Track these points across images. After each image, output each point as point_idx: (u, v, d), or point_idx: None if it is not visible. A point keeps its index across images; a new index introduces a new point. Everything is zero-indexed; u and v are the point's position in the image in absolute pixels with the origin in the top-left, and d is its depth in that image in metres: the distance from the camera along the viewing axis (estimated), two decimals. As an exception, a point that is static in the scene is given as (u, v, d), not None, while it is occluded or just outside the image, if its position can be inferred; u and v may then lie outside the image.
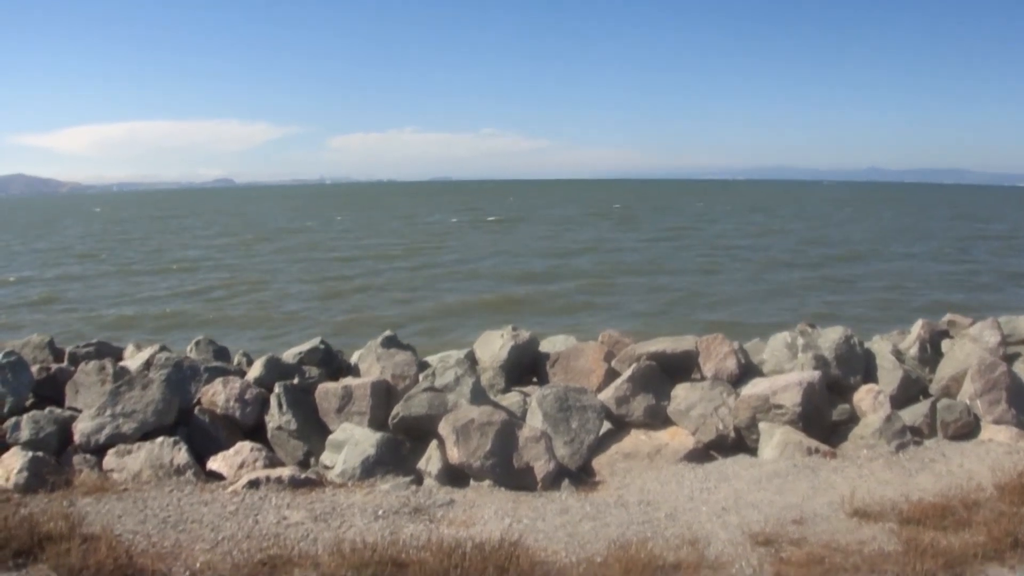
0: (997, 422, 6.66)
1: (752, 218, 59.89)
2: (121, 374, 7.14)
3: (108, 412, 6.44)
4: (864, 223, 53.18)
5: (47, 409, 6.70)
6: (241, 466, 6.13)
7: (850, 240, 38.82)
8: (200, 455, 6.33)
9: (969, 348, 7.43)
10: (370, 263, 30.61)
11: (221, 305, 21.34)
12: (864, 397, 7.00)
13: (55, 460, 6.10)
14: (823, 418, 6.75)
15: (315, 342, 8.36)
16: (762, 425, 6.55)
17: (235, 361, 8.45)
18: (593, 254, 32.72)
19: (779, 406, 6.55)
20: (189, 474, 5.91)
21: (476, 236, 44.10)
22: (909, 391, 7.24)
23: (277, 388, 7.00)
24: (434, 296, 21.97)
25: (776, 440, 6.27)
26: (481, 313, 18.13)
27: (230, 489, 5.45)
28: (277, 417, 6.83)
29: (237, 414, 6.87)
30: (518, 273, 26.47)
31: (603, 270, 27.08)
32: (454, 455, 5.82)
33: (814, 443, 6.26)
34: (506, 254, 33.13)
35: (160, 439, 6.20)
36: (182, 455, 6.04)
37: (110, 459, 6.13)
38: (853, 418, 6.88)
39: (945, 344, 7.88)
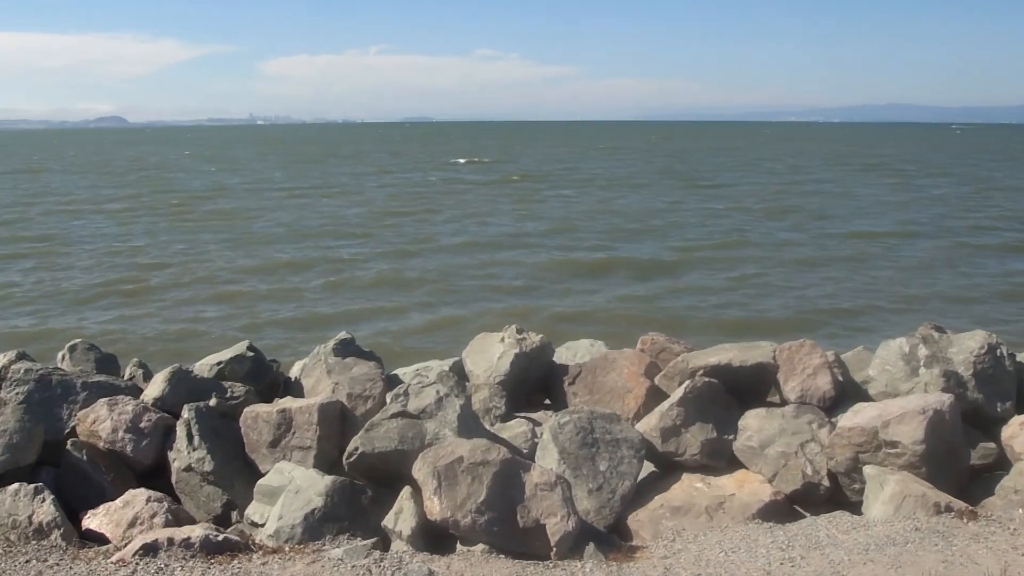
0: None
1: (866, 179, 59.41)
2: (-40, 394, 7.12)
3: (-59, 448, 6.42)
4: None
5: None
6: (132, 524, 6.12)
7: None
8: (74, 508, 6.33)
9: None
10: (328, 244, 30.55)
11: (112, 302, 21.26)
12: (1017, 433, 6.92)
13: None
14: (957, 462, 6.68)
15: (240, 348, 8.41)
16: (868, 470, 6.49)
17: (126, 374, 8.47)
18: (654, 235, 32.25)
19: (893, 443, 6.48)
20: (56, 536, 5.88)
21: (477, 203, 43.90)
22: (1081, 424, 7.15)
23: (186, 412, 7.03)
24: (418, 296, 21.84)
25: (889, 492, 6.21)
26: (489, 322, 17.93)
27: (116, 557, 5.41)
28: (186, 454, 6.84)
29: (128, 449, 6.88)
30: (544, 264, 26.17)
31: (671, 262, 26.74)
32: (435, 508, 5.78)
33: (944, 497, 6.19)
34: (529, 233, 32.69)
35: (14, 487, 6.17)
36: (46, 509, 6.01)
37: (-59, 515, 6.10)
38: (1001, 462, 6.83)
39: None
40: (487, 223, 35.93)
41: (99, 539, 6.06)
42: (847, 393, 7.42)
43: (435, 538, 5.90)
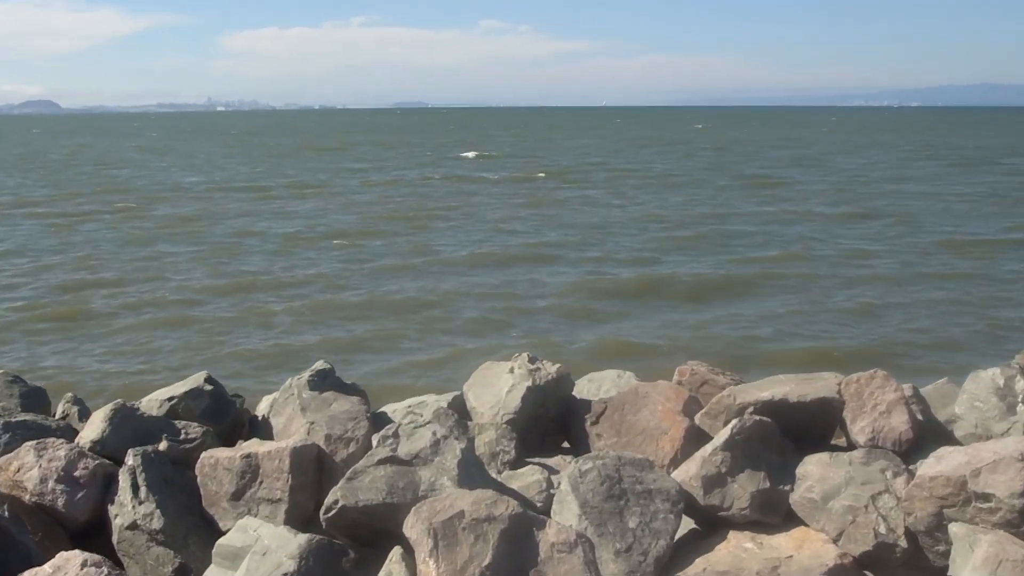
0: None
1: (958, 176, 58.98)
2: None
3: None
4: None
5: None
6: (66, 592, 6.11)
7: None
8: (-7, 574, 6.31)
9: None
10: (305, 256, 30.60)
11: (42, 328, 21.25)
12: None
13: None
14: (1063, 518, 6.64)
15: (197, 380, 8.43)
16: (955, 528, 6.47)
17: (59, 412, 8.48)
18: (701, 247, 32.07)
19: (985, 496, 6.46)
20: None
21: (487, 206, 43.79)
22: None
23: (131, 458, 7.01)
24: (415, 322, 21.78)
25: (981, 555, 6.19)
26: (502, 353, 17.81)
27: (48, 630, 5.44)
28: (130, 508, 6.83)
29: (60, 503, 6.87)
30: (570, 283, 25.99)
31: (722, 279, 26.62)
32: (430, 572, 5.80)
33: (1049, 562, 6.17)
34: (551, 244, 32.62)
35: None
36: (-39, 575, 6.04)
37: None
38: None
39: None
40: (500, 231, 35.99)
41: (26, 612, 6.08)
42: (928, 435, 7.38)
43: (430, 609, 5.92)
